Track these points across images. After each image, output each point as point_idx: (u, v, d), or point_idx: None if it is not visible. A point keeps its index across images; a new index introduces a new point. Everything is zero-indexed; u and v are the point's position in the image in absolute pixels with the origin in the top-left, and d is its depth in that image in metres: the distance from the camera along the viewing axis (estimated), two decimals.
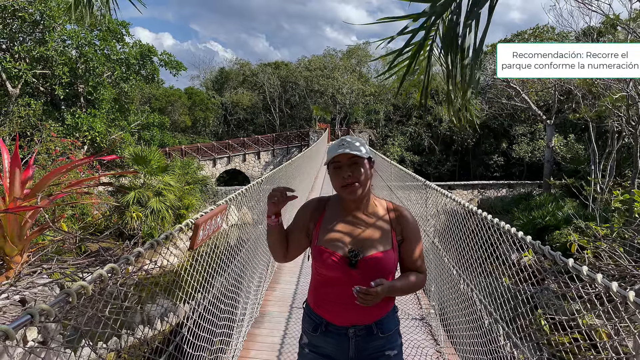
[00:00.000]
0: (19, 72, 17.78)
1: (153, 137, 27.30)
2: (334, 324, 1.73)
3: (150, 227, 12.51)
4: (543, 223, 16.73)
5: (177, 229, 2.19)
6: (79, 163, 8.82)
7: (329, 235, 1.71)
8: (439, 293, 4.18)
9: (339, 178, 1.66)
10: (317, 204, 1.83)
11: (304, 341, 1.83)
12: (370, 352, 1.74)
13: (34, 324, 1.11)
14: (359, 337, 1.72)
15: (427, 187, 4.55)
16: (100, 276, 1.43)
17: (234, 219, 3.79)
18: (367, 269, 1.64)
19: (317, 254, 1.71)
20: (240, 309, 3.71)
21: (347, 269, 1.64)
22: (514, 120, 29.97)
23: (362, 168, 1.66)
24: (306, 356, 1.81)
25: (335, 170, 1.67)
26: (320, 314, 1.76)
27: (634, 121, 15.27)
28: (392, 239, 1.72)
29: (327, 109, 36.45)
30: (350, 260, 1.63)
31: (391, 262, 1.69)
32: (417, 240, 1.77)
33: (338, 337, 1.73)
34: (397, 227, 1.75)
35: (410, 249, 1.75)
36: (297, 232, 1.80)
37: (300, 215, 1.82)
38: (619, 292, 1.45)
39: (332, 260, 1.66)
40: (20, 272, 4.74)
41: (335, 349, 1.75)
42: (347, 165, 1.65)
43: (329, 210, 1.79)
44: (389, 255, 1.68)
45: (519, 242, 2.24)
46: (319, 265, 1.71)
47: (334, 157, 1.66)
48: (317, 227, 1.76)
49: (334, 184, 1.71)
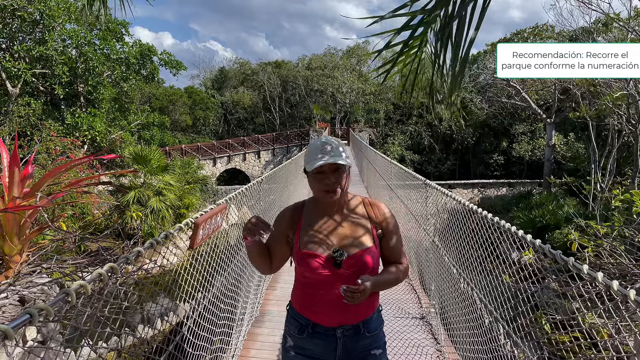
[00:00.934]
0: (18, 71, 17.76)
1: (153, 136, 27.28)
2: (321, 324, 1.72)
3: (150, 227, 12.52)
4: (543, 222, 16.72)
5: (177, 228, 2.19)
6: (79, 162, 8.82)
7: (311, 238, 1.70)
8: (439, 292, 4.17)
9: (321, 184, 1.65)
10: (293, 211, 1.82)
11: (289, 344, 1.82)
12: (357, 352, 1.75)
13: (33, 324, 1.10)
14: (347, 337, 1.72)
15: (427, 186, 4.55)
16: (99, 275, 1.43)
17: (234, 218, 3.78)
18: (352, 267, 1.65)
19: (301, 258, 1.70)
20: (240, 308, 3.71)
21: (333, 270, 1.64)
22: (514, 119, 29.93)
23: (345, 174, 1.67)
24: (292, 359, 1.80)
25: (316, 176, 1.66)
26: (307, 316, 1.75)
27: (634, 120, 15.26)
28: (373, 234, 1.73)
29: (327, 108, 36.41)
30: (335, 260, 1.63)
31: (375, 258, 1.70)
32: (396, 232, 1.79)
33: (326, 337, 1.73)
34: (376, 222, 1.76)
35: (390, 242, 1.77)
36: (276, 243, 1.79)
37: (276, 226, 1.81)
38: (619, 290, 1.44)
39: (316, 262, 1.66)
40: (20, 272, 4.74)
41: (322, 350, 1.74)
42: (331, 171, 1.64)
43: (306, 214, 1.78)
44: (371, 251, 1.69)
45: (519, 241, 2.24)
46: (304, 269, 1.70)
47: (320, 167, 1.63)
48: (297, 233, 1.75)
49: (314, 189, 1.70)
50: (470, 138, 31.70)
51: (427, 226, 4.71)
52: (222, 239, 3.28)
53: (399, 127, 34.36)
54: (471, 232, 3.06)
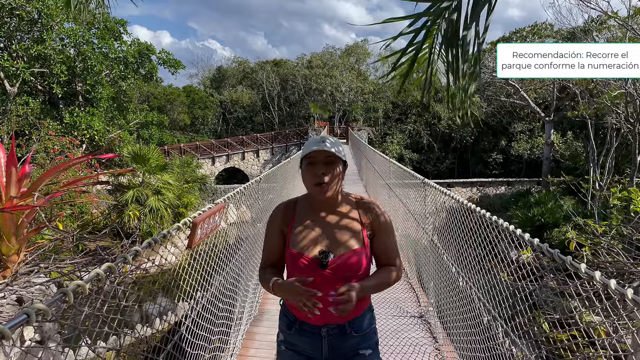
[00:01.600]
0: (16, 70, 17.73)
1: (152, 135, 27.27)
2: (307, 322, 1.73)
3: (149, 226, 12.51)
4: (542, 220, 16.76)
5: (175, 227, 2.19)
6: (77, 161, 8.80)
7: (300, 237, 1.70)
8: (437, 291, 4.18)
9: (312, 175, 1.65)
10: (286, 208, 1.82)
11: (280, 338, 1.84)
12: (344, 351, 1.75)
13: (31, 324, 1.10)
14: (332, 336, 1.72)
15: (426, 185, 4.55)
16: (97, 275, 1.42)
17: (233, 217, 3.78)
18: (338, 268, 1.64)
19: (289, 257, 1.71)
20: (238, 307, 3.71)
21: (319, 270, 1.63)
22: (512, 118, 29.96)
23: (337, 168, 1.65)
24: (284, 353, 1.82)
25: (308, 167, 1.66)
26: (294, 313, 1.76)
27: (632, 118, 15.29)
28: (362, 236, 1.71)
29: (326, 107, 36.40)
30: (320, 261, 1.62)
31: (362, 259, 1.68)
32: (388, 233, 1.77)
33: (312, 335, 1.73)
34: (367, 222, 1.74)
35: (381, 243, 1.76)
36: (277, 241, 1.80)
37: (272, 225, 1.81)
38: (617, 289, 1.45)
39: (302, 263, 1.66)
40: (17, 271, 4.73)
41: (309, 347, 1.75)
42: (323, 163, 1.64)
43: (299, 212, 1.78)
44: (359, 253, 1.67)
45: (517, 240, 2.24)
46: (291, 269, 1.72)
47: (310, 152, 1.64)
48: (289, 230, 1.75)
49: (306, 181, 1.69)
50: (469, 137, 31.72)
51: (425, 225, 4.71)
52: (220, 238, 3.28)
53: (397, 125, 34.36)
54: (470, 231, 3.07)
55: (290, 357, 1.79)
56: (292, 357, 1.79)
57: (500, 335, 2.68)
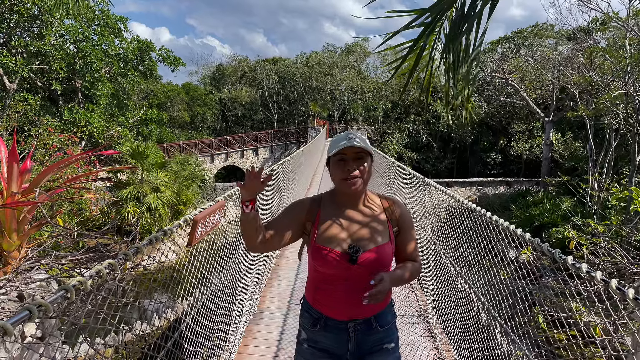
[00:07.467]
0: (16, 67, 17.68)
1: (151, 132, 27.24)
2: (333, 318, 1.73)
3: (147, 224, 12.51)
4: (541, 220, 16.79)
5: (176, 225, 2.19)
6: (77, 158, 8.77)
7: (327, 232, 1.70)
8: (436, 290, 4.19)
9: (342, 170, 1.65)
10: (312, 203, 1.80)
11: (303, 337, 1.83)
12: (369, 346, 1.75)
13: (32, 320, 1.10)
14: (359, 331, 1.73)
15: (426, 184, 4.55)
16: (98, 272, 1.42)
17: (232, 215, 3.78)
18: (367, 263, 1.64)
19: (316, 252, 1.69)
20: (238, 305, 3.71)
21: (348, 265, 1.64)
22: (512, 118, 29.99)
23: (366, 163, 1.66)
24: (305, 351, 1.81)
25: (338, 163, 1.66)
26: (319, 309, 1.76)
27: (631, 119, 15.29)
28: (389, 231, 1.73)
29: (326, 105, 36.39)
30: (350, 256, 1.63)
31: (389, 254, 1.70)
32: (411, 230, 1.79)
33: (338, 331, 1.74)
34: (392, 219, 1.76)
35: (406, 239, 1.77)
36: (288, 223, 1.76)
37: (295, 211, 1.79)
38: (618, 289, 1.45)
39: (331, 257, 1.65)
40: (18, 268, 4.72)
41: (334, 344, 1.75)
42: (353, 159, 1.65)
43: (324, 208, 1.78)
44: (387, 248, 1.69)
45: (517, 239, 2.24)
46: (319, 264, 1.70)
47: (341, 150, 1.64)
48: (314, 225, 1.74)
49: (335, 176, 1.69)
50: (469, 136, 31.74)
51: (425, 224, 4.71)
52: (220, 236, 3.28)
53: (397, 125, 34.38)
54: (469, 230, 3.07)
55: (312, 354, 1.79)
56: (314, 355, 1.78)
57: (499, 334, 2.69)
